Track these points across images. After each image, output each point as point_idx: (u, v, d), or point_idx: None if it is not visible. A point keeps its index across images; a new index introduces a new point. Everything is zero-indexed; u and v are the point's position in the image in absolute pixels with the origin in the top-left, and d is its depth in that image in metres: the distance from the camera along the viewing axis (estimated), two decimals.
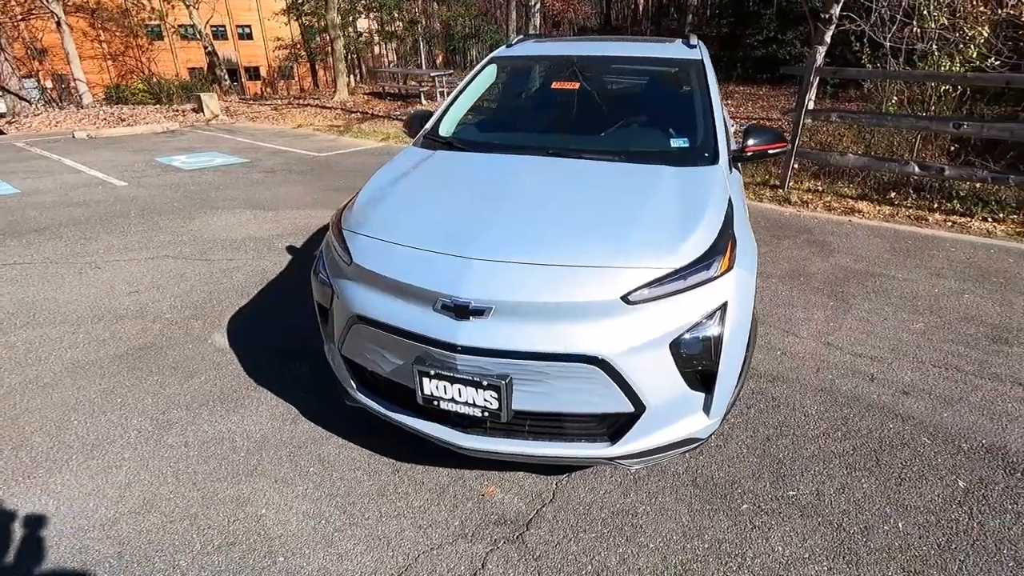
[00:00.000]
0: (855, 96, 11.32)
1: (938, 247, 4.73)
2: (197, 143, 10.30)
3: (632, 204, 2.10)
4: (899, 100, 6.53)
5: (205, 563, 1.85)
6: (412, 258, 1.90)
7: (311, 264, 4.33)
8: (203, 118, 13.46)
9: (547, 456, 1.92)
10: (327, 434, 2.47)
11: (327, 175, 7.65)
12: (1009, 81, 5.28)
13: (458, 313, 1.76)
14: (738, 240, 2.03)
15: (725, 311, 1.85)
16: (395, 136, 10.77)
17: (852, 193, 6.14)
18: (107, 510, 2.06)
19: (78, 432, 2.48)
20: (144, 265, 4.40)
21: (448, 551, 1.89)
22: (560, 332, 1.73)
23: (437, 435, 1.98)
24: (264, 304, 3.73)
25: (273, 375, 2.91)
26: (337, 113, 13.79)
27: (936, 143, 6.69)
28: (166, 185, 7.06)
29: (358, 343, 2.04)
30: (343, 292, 2.05)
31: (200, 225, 5.41)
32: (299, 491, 2.15)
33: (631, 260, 1.80)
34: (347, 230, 2.16)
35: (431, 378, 1.83)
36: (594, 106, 2.93)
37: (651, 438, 1.88)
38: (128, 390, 2.79)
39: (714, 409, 1.93)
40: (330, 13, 14.66)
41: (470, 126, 3.06)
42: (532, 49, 3.42)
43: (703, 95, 2.76)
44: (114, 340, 3.27)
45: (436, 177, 2.51)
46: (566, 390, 1.78)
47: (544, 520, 2.02)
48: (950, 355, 3.07)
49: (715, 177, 2.30)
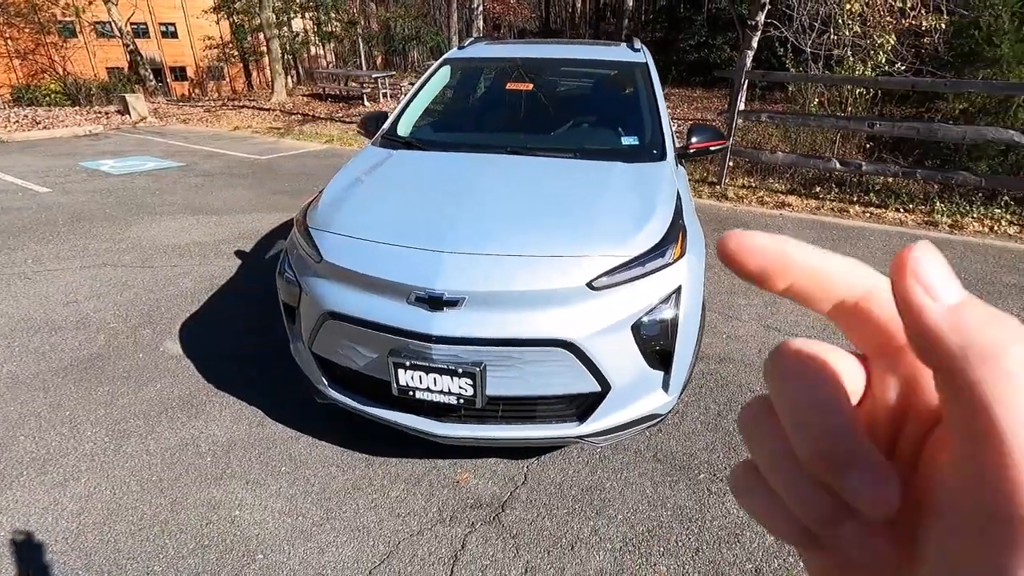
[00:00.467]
0: (780, 98, 12.06)
1: (859, 236, 5.16)
2: (125, 147, 9.75)
3: (590, 198, 2.23)
4: (820, 102, 7.05)
5: (181, 566, 1.83)
6: (383, 253, 1.95)
7: (263, 268, 4.25)
8: (129, 121, 12.74)
9: (520, 438, 2.01)
10: (296, 434, 2.46)
11: (271, 178, 7.45)
12: (915, 84, 5.83)
13: (432, 305, 1.83)
14: (687, 229, 2.20)
15: (679, 295, 2.00)
16: (339, 138, 10.59)
17: (782, 188, 6.59)
18: (68, 523, 1.99)
19: (26, 448, 2.36)
20: (80, 274, 4.18)
21: (428, 536, 1.95)
22: (530, 319, 1.83)
23: (412, 425, 2.03)
24: (217, 309, 3.64)
25: (234, 380, 2.86)
26: (276, 115, 13.39)
27: (853, 141, 7.27)
28: (95, 191, 6.68)
29: (330, 339, 2.06)
30: (313, 290, 2.07)
31: (139, 232, 5.17)
32: (272, 490, 2.15)
33: (593, 249, 1.92)
34: (314, 228, 2.17)
35: (406, 369, 1.88)
36: (548, 106, 3.05)
37: (616, 416, 2.01)
38: (77, 403, 2.67)
39: (672, 386, 2.09)
40: (265, 12, 14.20)
41: (427, 126, 3.12)
42: (484, 51, 3.51)
43: (649, 95, 2.94)
44: (55, 352, 3.11)
45: (399, 175, 2.56)
46: (537, 373, 1.88)
47: (518, 501, 2.11)
48: None
49: (664, 172, 2.47)
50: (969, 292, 0.16)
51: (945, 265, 0.17)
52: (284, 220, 5.52)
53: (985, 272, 4.29)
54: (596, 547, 1.91)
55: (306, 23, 24.27)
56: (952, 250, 4.76)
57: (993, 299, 3.82)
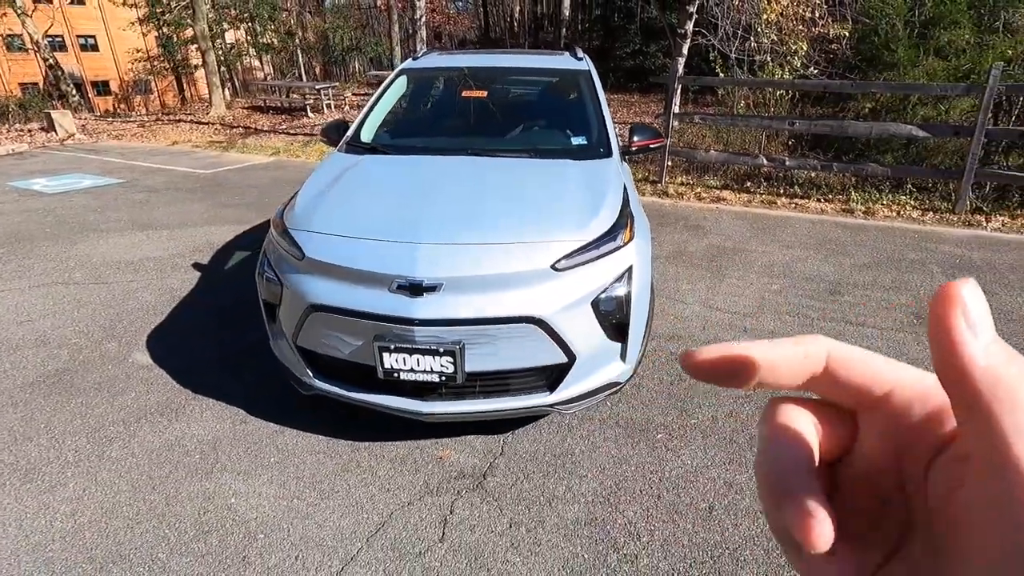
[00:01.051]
0: (711, 101, 12.82)
1: (786, 225, 5.66)
2: (55, 165, 9.33)
3: (547, 191, 2.47)
4: (746, 103, 7.63)
5: (185, 551, 1.93)
6: (364, 248, 2.12)
7: (224, 279, 4.31)
8: (56, 138, 12.13)
9: (498, 410, 2.21)
10: (280, 428, 2.57)
11: (219, 192, 7.35)
12: (826, 86, 6.44)
13: (413, 291, 2.01)
14: (635, 217, 2.47)
15: (631, 273, 2.26)
16: (285, 150, 10.49)
17: (717, 184, 7.09)
18: (63, 523, 2.04)
19: (5, 459, 2.37)
20: (29, 294, 4.08)
21: (418, 505, 2.13)
22: (502, 299, 2.04)
23: (397, 406, 2.20)
24: (182, 320, 3.66)
25: (210, 384, 2.92)
26: (216, 128, 13.06)
27: (778, 140, 7.89)
28: (30, 211, 6.42)
29: (314, 331, 2.20)
30: (296, 286, 2.21)
31: (86, 249, 5.05)
32: (264, 479, 2.26)
33: (554, 235, 2.16)
34: (293, 229, 2.31)
35: (391, 352, 2.06)
36: (502, 110, 3.28)
37: (582, 384, 2.25)
38: (51, 415, 2.68)
39: (628, 356, 2.35)
40: (199, 23, 13.85)
41: (389, 132, 3.29)
42: (438, 61, 3.71)
43: (593, 99, 3.22)
44: (17, 370, 3.08)
45: (369, 178, 2.72)
46: (510, 348, 2.09)
47: (498, 470, 2.31)
48: (800, 306, 3.79)
49: (611, 167, 2.74)
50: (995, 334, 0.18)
51: (987, 306, 0.18)
52: (239, 232, 5.51)
53: (894, 251, 4.82)
54: (571, 501, 2.14)
55: (240, 35, 23.70)
56: (866, 234, 5.31)
57: (899, 272, 4.34)
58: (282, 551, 1.93)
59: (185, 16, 16.41)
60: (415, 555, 1.92)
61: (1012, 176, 5.74)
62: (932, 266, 4.47)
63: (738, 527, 2.02)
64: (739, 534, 1.99)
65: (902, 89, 6.53)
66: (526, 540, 1.97)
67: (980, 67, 6.33)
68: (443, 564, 1.88)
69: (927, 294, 3.94)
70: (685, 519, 2.06)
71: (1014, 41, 6.43)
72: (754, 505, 2.12)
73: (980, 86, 5.48)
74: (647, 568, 1.87)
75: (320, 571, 1.86)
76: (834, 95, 8.27)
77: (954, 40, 6.81)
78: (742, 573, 1.84)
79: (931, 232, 5.38)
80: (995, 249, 4.85)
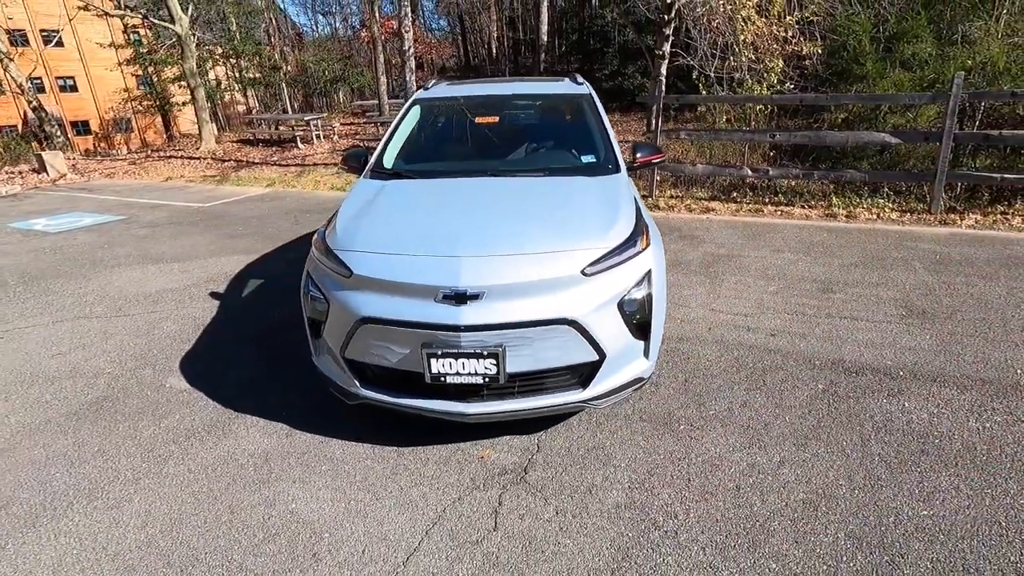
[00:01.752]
0: (691, 117, 13.30)
1: (774, 231, 5.96)
2: (52, 205, 9.42)
3: (568, 205, 2.70)
4: (728, 118, 8.01)
5: (258, 552, 2.06)
6: (410, 263, 2.31)
7: (245, 305, 4.49)
8: (47, 179, 12.21)
9: (536, 408, 2.39)
10: (326, 439, 2.72)
11: (222, 224, 7.50)
12: (802, 99, 6.83)
13: (458, 300, 2.20)
14: (648, 226, 2.70)
15: (650, 277, 2.48)
16: (280, 181, 10.68)
17: (705, 196, 7.41)
18: (137, 534, 2.16)
19: (65, 482, 2.49)
20: (55, 328, 4.19)
21: (468, 500, 2.28)
22: (538, 303, 2.24)
23: (443, 409, 2.37)
24: (211, 346, 3.79)
25: (250, 403, 3.06)
26: (208, 163, 13.23)
27: (759, 151, 8.27)
28: (36, 250, 6.51)
29: (363, 343, 2.37)
30: (345, 301, 2.38)
31: (101, 284, 5.17)
32: (319, 484, 2.40)
33: (581, 243, 2.38)
34: (339, 249, 2.50)
35: (438, 358, 2.23)
36: (513, 134, 3.52)
37: (611, 380, 2.44)
38: (101, 439, 2.79)
39: (651, 353, 2.55)
40: (188, 61, 14.09)
41: (410, 158, 3.50)
42: (448, 90, 3.96)
43: (598, 121, 3.48)
44: (59, 400, 3.19)
45: (401, 200, 2.93)
46: (547, 348, 2.28)
47: (537, 465, 2.48)
48: (797, 305, 4.04)
49: (621, 182, 2.98)
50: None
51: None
52: (249, 261, 5.66)
53: (878, 250, 5.12)
54: (609, 488, 2.31)
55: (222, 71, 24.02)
56: (850, 236, 5.62)
57: (885, 270, 4.62)
58: (349, 546, 2.07)
59: (173, 55, 16.67)
60: (473, 543, 2.07)
61: (980, 176, 6.12)
62: (915, 263, 4.77)
63: (765, 502, 2.21)
64: (767, 508, 2.18)
65: (873, 100, 6.95)
66: (573, 524, 2.14)
67: (944, 77, 6.77)
68: (500, 550, 2.04)
69: (912, 288, 4.22)
70: (715, 498, 2.24)
71: (972, 52, 6.89)
72: (777, 482, 2.31)
73: (945, 94, 5.88)
74: (687, 541, 2.04)
75: (387, 562, 2.00)
76: (808, 107, 8.71)
77: (917, 53, 7.28)
78: (773, 540, 2.02)
79: (910, 232, 5.71)
80: (972, 245, 5.18)
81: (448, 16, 31.44)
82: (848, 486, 2.27)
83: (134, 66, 19.92)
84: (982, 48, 6.84)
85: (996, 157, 6.61)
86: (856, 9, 7.68)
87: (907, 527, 2.06)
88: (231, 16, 19.17)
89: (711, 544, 2.03)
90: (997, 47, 6.75)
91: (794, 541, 2.02)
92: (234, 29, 19.17)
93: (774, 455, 2.48)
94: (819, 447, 2.52)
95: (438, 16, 33.60)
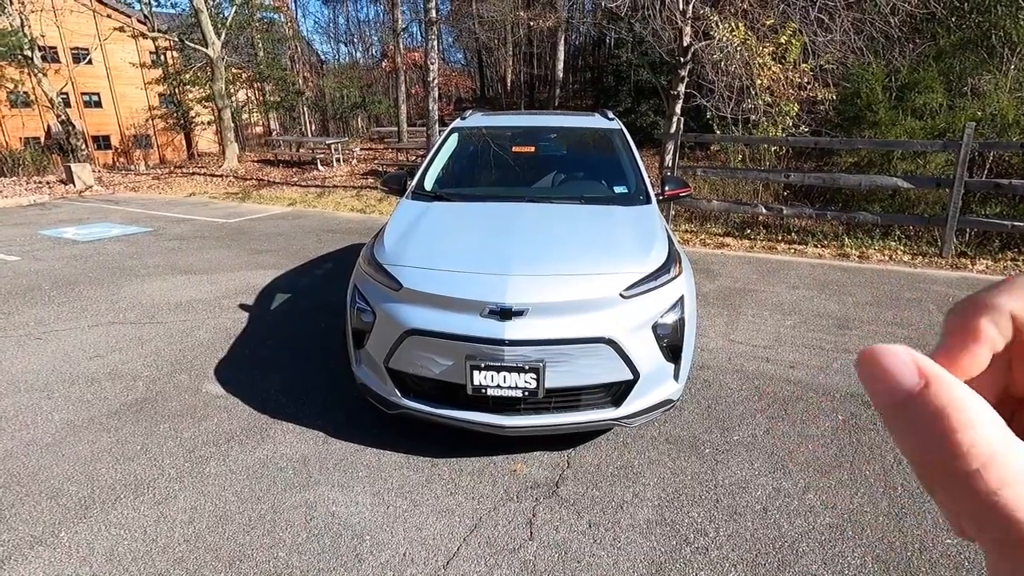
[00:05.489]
0: (702, 156, 13.62)
1: (788, 268, 6.08)
2: (80, 215, 9.66)
3: (605, 231, 2.84)
4: (742, 158, 8.24)
5: (303, 550, 2.13)
6: (458, 279, 2.44)
7: (273, 319, 4.61)
8: (74, 190, 12.52)
9: (570, 424, 2.48)
10: (362, 447, 2.80)
11: (246, 239, 7.68)
12: (817, 143, 7.04)
13: (503, 316, 2.32)
14: (680, 255, 2.83)
15: (683, 302, 2.60)
16: (301, 200, 10.93)
17: (719, 231, 7.57)
18: (183, 529, 2.24)
19: (111, 476, 2.57)
20: (92, 332, 4.31)
21: (504, 510, 2.36)
22: (579, 322, 2.36)
23: (482, 421, 2.47)
24: (243, 354, 3.90)
25: (285, 410, 3.15)
26: (230, 181, 13.55)
27: (770, 190, 8.48)
28: (68, 257, 6.69)
29: (408, 354, 2.49)
30: (393, 314, 2.50)
31: (132, 292, 5.31)
32: (358, 490, 2.48)
33: (620, 268, 2.51)
34: (388, 264, 2.63)
35: (481, 370, 2.34)
36: (549, 164, 3.70)
37: (642, 400, 2.54)
38: (143, 438, 2.89)
39: (680, 376, 2.65)
40: (217, 83, 14.58)
41: (450, 182, 3.68)
42: (483, 121, 4.16)
43: (629, 154, 3.65)
44: (100, 400, 3.29)
45: (446, 220, 3.08)
46: (585, 365, 2.39)
47: (568, 480, 2.56)
48: (814, 339, 4.13)
49: (654, 212, 3.13)
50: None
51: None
52: (276, 276, 5.81)
53: (891, 291, 5.23)
54: (640, 505, 2.39)
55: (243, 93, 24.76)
56: (863, 276, 5.73)
57: (899, 309, 4.72)
58: (391, 549, 2.14)
59: (203, 76, 17.24)
60: (511, 551, 2.14)
61: (991, 223, 6.27)
62: (928, 304, 4.87)
63: (793, 524, 2.27)
64: (794, 530, 2.24)
65: (886, 145, 7.16)
66: (607, 537, 2.21)
67: (954, 126, 6.99)
68: (537, 558, 2.10)
69: (927, 328, 4.32)
70: (744, 518, 2.31)
71: (982, 103, 7.13)
72: (803, 505, 2.38)
73: (956, 143, 6.08)
74: (718, 558, 2.10)
75: (428, 565, 2.07)
76: (819, 150, 8.95)
77: (928, 103, 7.53)
78: (803, 560, 2.09)
79: (922, 274, 5.83)
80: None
81: (465, 50, 32.41)
82: (873, 512, 2.34)
83: (162, 85, 20.50)
84: (991, 100, 7.08)
85: (1005, 205, 6.77)
86: (869, 58, 7.97)
87: (932, 554, 2.12)
88: (259, 42, 19.86)
89: (742, 562, 2.09)
90: (1006, 100, 6.99)
91: (823, 562, 2.08)
92: (261, 55, 19.83)
93: (799, 480, 2.55)
94: (843, 475, 2.59)
95: (455, 49, 34.62)
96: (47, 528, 2.25)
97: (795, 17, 7.41)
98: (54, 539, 2.20)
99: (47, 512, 2.34)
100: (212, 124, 20.66)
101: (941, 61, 8.02)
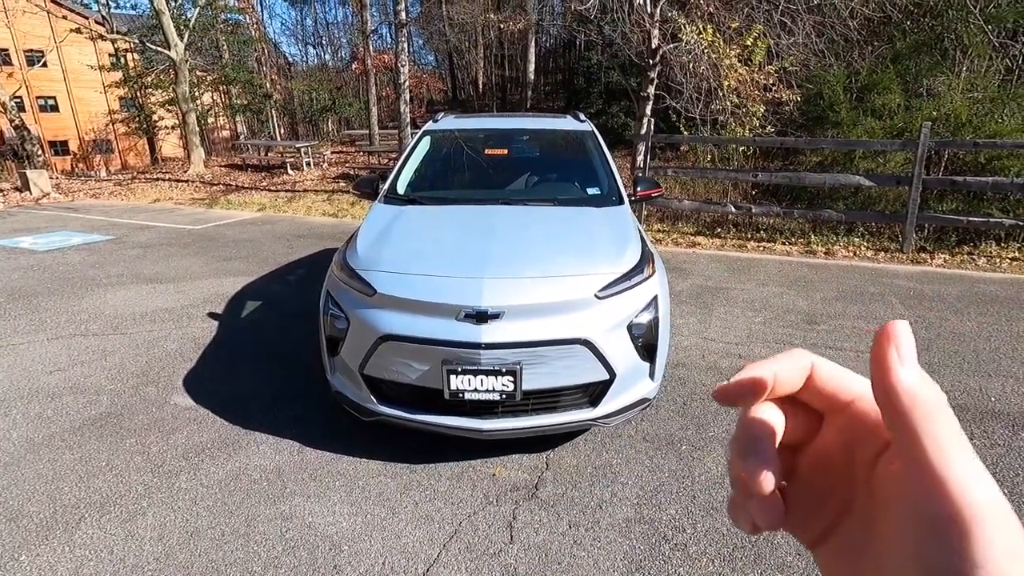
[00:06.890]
0: (672, 156, 13.82)
1: (758, 266, 6.21)
2: (38, 223, 9.29)
3: (579, 232, 2.85)
4: (711, 158, 8.39)
5: (278, 564, 2.09)
6: (433, 282, 2.42)
7: (243, 327, 4.53)
8: (30, 197, 12.04)
9: (548, 425, 2.48)
10: (337, 456, 2.76)
11: (214, 246, 7.50)
12: (783, 142, 7.22)
13: (479, 319, 2.31)
14: (653, 255, 2.86)
15: (656, 302, 2.63)
16: (271, 205, 10.73)
17: (691, 231, 7.69)
18: (153, 547, 2.17)
19: (76, 495, 2.48)
20: (51, 346, 4.15)
21: (483, 514, 2.35)
22: (555, 323, 2.36)
23: (460, 425, 2.45)
24: (212, 364, 3.80)
25: (257, 420, 3.08)
26: (196, 186, 13.21)
27: (739, 189, 8.64)
28: (23, 267, 6.43)
29: (383, 360, 2.45)
30: (367, 319, 2.47)
31: (94, 303, 5.13)
32: (335, 499, 2.44)
33: (594, 268, 2.52)
34: (362, 269, 2.60)
35: (458, 374, 2.33)
36: (522, 166, 3.71)
37: (619, 399, 2.55)
38: (108, 454, 2.79)
39: (656, 375, 2.67)
40: (181, 86, 14.21)
41: (423, 185, 3.65)
42: (456, 123, 4.14)
43: (601, 156, 3.68)
44: (61, 416, 3.16)
45: (419, 223, 3.05)
46: (562, 367, 2.39)
47: (547, 482, 2.56)
48: (784, 335, 4.23)
49: (626, 213, 3.16)
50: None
51: (914, 342, 0.24)
52: (245, 283, 5.68)
53: (856, 286, 5.39)
54: (618, 504, 2.40)
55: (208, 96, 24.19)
56: (829, 272, 5.89)
57: (864, 304, 4.87)
58: (369, 558, 2.11)
59: (166, 79, 16.79)
60: (491, 555, 2.13)
61: (948, 219, 6.51)
62: (891, 298, 5.03)
63: None
64: None
65: (848, 145, 7.38)
66: (587, 537, 2.22)
67: (911, 126, 7.24)
68: (518, 561, 2.10)
69: (890, 321, 4.45)
70: (720, 513, 2.35)
71: (937, 104, 7.41)
72: None
73: (914, 142, 6.30)
74: (697, 553, 2.13)
75: (408, 573, 2.05)
76: (785, 150, 9.17)
77: (887, 103, 7.79)
78: (778, 552, 2.13)
79: (885, 269, 6.02)
80: (942, 283, 5.48)
81: (436, 52, 32.29)
82: None
83: (122, 88, 19.89)
84: (946, 101, 7.36)
85: (961, 201, 7.04)
86: (830, 60, 8.21)
87: None
88: (225, 44, 19.44)
89: (719, 556, 2.12)
90: (960, 100, 7.27)
91: (797, 554, 2.13)
92: (227, 57, 19.42)
93: None
94: None
95: (427, 51, 34.47)
96: (5, 552, 2.16)
97: (760, 20, 7.59)
98: (14, 563, 2.10)
99: (5, 535, 2.24)
100: (176, 128, 20.13)
101: (898, 63, 8.30)
